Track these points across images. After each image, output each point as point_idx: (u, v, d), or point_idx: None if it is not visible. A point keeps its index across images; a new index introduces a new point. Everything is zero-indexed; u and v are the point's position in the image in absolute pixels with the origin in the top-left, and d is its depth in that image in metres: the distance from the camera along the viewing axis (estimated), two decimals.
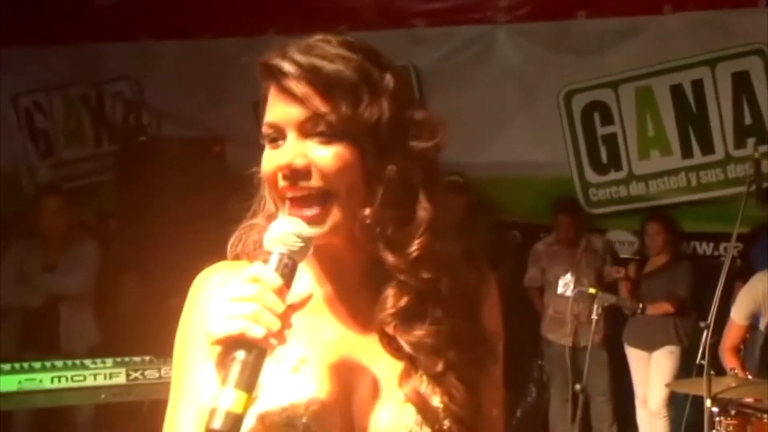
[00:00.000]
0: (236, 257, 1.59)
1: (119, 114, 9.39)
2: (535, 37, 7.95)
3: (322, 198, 1.47)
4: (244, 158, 1.64)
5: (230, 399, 1.29)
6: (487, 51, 8.12)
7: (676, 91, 7.50)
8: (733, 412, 5.11)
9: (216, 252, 1.63)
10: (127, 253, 7.53)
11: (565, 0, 7.87)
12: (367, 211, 1.49)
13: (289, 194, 1.48)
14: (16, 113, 9.73)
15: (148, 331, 5.31)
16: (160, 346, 4.87)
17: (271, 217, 1.57)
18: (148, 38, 9.05)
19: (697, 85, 7.43)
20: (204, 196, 6.72)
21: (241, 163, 1.65)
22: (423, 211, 1.52)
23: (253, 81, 1.54)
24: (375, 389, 1.51)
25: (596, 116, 7.83)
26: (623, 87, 7.68)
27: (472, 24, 8.15)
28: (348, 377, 1.51)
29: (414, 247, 1.50)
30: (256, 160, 1.59)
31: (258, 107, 1.57)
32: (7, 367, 4.94)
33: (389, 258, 1.50)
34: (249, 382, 1.31)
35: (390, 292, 1.51)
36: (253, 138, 1.63)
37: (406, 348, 1.50)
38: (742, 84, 7.28)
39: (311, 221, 1.46)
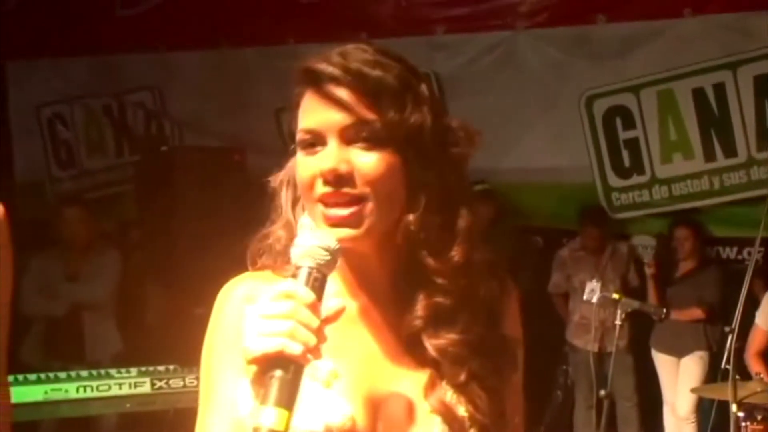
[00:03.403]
0: (259, 268, 1.58)
1: (141, 124, 9.42)
2: (555, 43, 7.93)
3: (359, 200, 1.46)
4: (266, 167, 1.64)
5: (272, 417, 1.29)
6: (507, 57, 8.10)
7: (698, 94, 7.46)
8: (759, 417, 5.07)
9: (237, 261, 1.62)
10: (149, 262, 7.56)
11: (584, 5, 7.84)
12: (412, 218, 1.48)
13: (331, 201, 1.46)
14: (39, 124, 9.79)
15: (172, 340, 5.33)
16: (185, 355, 4.89)
17: (288, 226, 1.56)
18: (169, 48, 9.09)
19: (719, 88, 7.39)
20: (225, 205, 6.74)
21: (263, 172, 1.64)
22: (463, 217, 1.52)
23: (274, 90, 1.55)
24: (402, 402, 1.51)
25: (618, 120, 7.80)
26: (644, 91, 7.65)
27: (492, 30, 8.13)
28: (377, 390, 1.51)
29: (455, 253, 1.50)
30: (278, 169, 1.59)
31: (280, 115, 1.56)
32: (33, 377, 4.98)
33: (431, 263, 1.49)
34: (289, 400, 1.31)
35: (422, 296, 1.51)
36: (274, 146, 1.63)
37: (432, 352, 1.50)
38: (763, 86, 7.23)
39: (347, 223, 1.45)
